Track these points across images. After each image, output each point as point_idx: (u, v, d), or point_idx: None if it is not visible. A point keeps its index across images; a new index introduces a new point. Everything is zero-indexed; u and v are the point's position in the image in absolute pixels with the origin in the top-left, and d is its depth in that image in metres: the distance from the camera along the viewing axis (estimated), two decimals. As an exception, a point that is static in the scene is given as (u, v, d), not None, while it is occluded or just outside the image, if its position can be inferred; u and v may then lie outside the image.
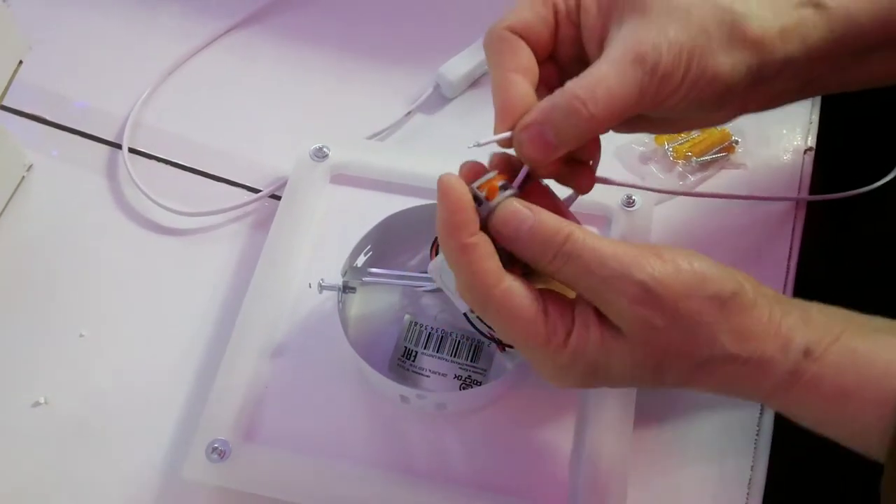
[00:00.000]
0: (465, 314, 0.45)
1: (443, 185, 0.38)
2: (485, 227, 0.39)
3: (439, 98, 0.63)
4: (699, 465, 0.49)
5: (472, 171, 0.40)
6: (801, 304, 0.40)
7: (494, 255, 0.38)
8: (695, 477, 0.49)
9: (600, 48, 0.40)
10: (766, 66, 0.40)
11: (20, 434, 0.51)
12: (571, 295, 0.40)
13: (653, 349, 0.38)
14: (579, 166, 0.42)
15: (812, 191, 0.58)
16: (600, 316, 0.38)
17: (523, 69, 0.40)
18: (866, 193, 0.56)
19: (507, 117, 0.39)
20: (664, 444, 0.49)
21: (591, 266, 0.37)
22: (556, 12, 0.41)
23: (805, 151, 0.60)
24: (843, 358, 0.38)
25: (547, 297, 0.39)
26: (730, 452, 0.49)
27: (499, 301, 0.38)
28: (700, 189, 0.58)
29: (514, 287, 0.38)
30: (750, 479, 0.49)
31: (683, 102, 0.40)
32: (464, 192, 0.38)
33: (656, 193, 0.56)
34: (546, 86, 0.42)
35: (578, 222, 0.40)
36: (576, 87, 0.38)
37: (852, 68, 0.44)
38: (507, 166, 0.41)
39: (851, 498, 0.56)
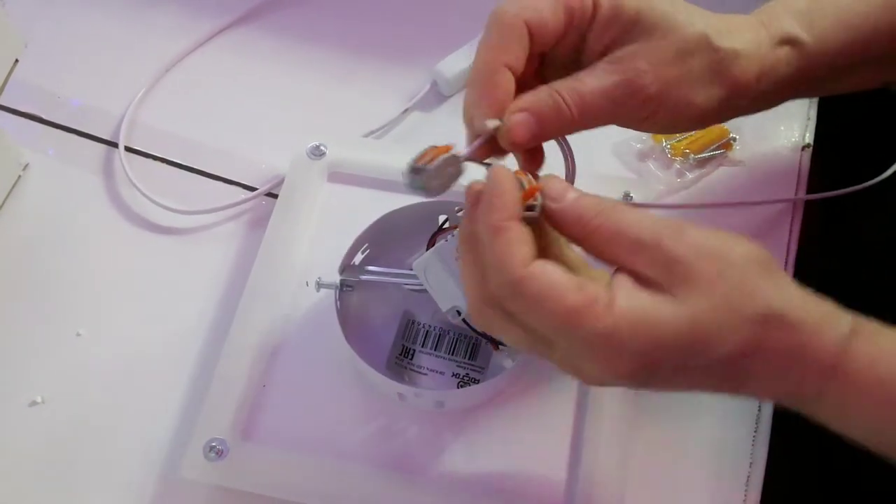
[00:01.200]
0: (446, 312, 0.45)
1: (492, 173, 0.38)
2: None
3: (436, 95, 0.63)
4: (697, 463, 0.49)
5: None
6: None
7: (529, 242, 0.37)
8: (692, 476, 0.49)
9: (596, 57, 0.42)
10: (740, 99, 0.44)
11: (17, 433, 0.51)
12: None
13: (709, 302, 0.35)
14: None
15: (810, 187, 0.58)
16: (641, 279, 0.36)
17: (516, 65, 0.41)
18: (865, 189, 0.56)
19: (493, 106, 0.40)
20: (662, 442, 0.49)
21: (638, 222, 0.37)
22: (570, 18, 0.41)
23: (803, 148, 0.60)
24: (894, 343, 0.37)
25: (580, 278, 0.37)
26: (727, 451, 0.49)
27: (527, 280, 0.36)
28: (699, 186, 0.58)
29: (546, 266, 0.36)
30: (748, 478, 0.49)
31: (658, 122, 0.43)
32: (509, 179, 0.38)
33: (655, 190, 0.56)
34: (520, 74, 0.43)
35: None
36: (565, 89, 0.40)
37: (826, 86, 0.48)
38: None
39: (849, 497, 0.56)
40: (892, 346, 0.37)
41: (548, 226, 0.39)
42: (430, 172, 0.40)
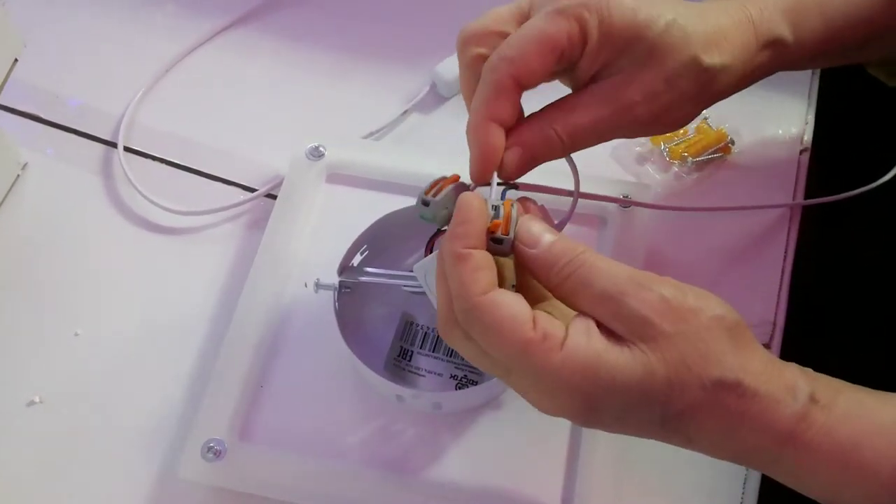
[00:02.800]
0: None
1: (460, 200, 0.38)
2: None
3: (435, 97, 0.63)
4: (694, 463, 0.49)
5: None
6: (793, 364, 0.39)
7: (490, 269, 0.38)
8: (690, 476, 0.49)
9: (588, 76, 0.43)
10: (717, 100, 0.45)
11: (14, 433, 0.51)
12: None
13: (663, 359, 0.36)
14: None
15: (808, 190, 0.58)
16: (602, 327, 0.37)
17: (508, 120, 0.41)
18: (863, 193, 0.56)
19: (487, 168, 0.41)
20: (659, 445, 0.49)
21: (607, 273, 0.37)
22: (559, 57, 0.41)
23: (801, 151, 0.60)
24: (852, 407, 0.37)
25: (538, 312, 0.38)
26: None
27: (483, 308, 0.36)
28: (698, 189, 0.58)
29: (504, 296, 0.37)
30: (745, 478, 0.49)
31: (637, 135, 0.45)
32: (476, 208, 0.38)
33: (653, 193, 0.56)
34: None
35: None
36: (559, 124, 0.42)
37: (798, 68, 0.50)
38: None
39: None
40: (850, 410, 0.37)
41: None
42: (438, 203, 0.41)
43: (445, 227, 0.52)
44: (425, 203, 0.42)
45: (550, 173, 0.44)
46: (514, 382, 0.39)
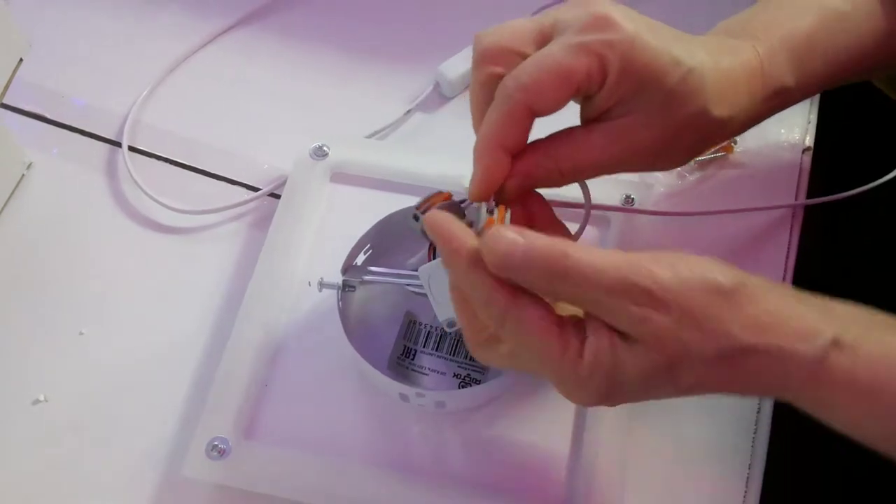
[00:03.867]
0: (442, 321, 0.45)
1: (429, 223, 0.39)
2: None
3: (439, 97, 0.63)
4: (696, 464, 0.49)
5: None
6: (821, 299, 0.39)
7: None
8: (692, 476, 0.49)
9: (598, 111, 0.42)
10: (715, 145, 0.48)
11: (20, 431, 0.51)
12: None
13: (665, 350, 0.37)
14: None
15: (810, 190, 0.58)
16: (610, 327, 0.38)
17: (515, 147, 0.42)
18: (866, 192, 0.56)
19: (488, 192, 0.42)
20: (662, 443, 0.50)
21: (591, 280, 0.37)
22: (576, 92, 0.41)
23: (803, 151, 0.60)
24: (878, 349, 0.37)
25: (559, 316, 0.39)
26: (727, 452, 0.49)
27: (517, 314, 0.37)
28: (700, 189, 0.58)
29: (528, 300, 0.38)
30: (747, 479, 0.49)
31: (644, 170, 0.46)
32: (450, 220, 0.39)
33: (656, 192, 0.56)
34: None
35: (569, 233, 0.44)
36: (564, 158, 0.42)
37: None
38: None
39: (847, 497, 0.57)
40: (878, 351, 0.37)
41: None
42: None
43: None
44: (416, 218, 0.44)
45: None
46: (549, 378, 0.40)
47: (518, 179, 0.42)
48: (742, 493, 0.48)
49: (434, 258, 0.45)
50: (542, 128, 0.43)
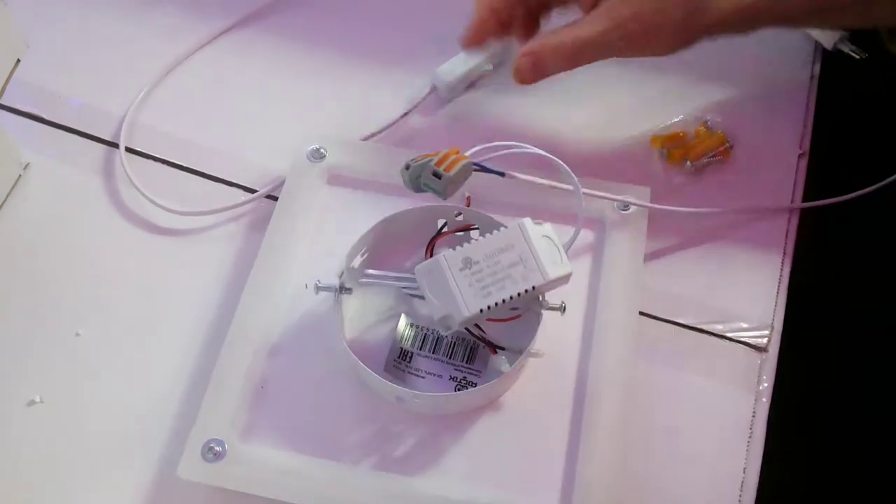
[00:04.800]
0: (438, 320, 0.45)
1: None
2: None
3: (436, 99, 0.63)
4: (692, 466, 0.49)
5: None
6: None
7: None
8: (687, 478, 0.49)
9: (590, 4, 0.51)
10: (714, 33, 0.50)
11: (15, 433, 0.51)
12: None
13: None
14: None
15: (806, 194, 0.58)
16: None
17: (505, 13, 0.52)
18: (862, 196, 0.56)
19: (477, 41, 0.55)
20: (657, 445, 0.50)
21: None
22: None
23: (799, 156, 0.60)
24: None
25: None
26: (722, 454, 0.50)
27: None
28: (696, 193, 0.58)
29: None
30: (742, 482, 0.49)
31: (639, 52, 0.51)
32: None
33: (653, 196, 0.56)
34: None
35: None
36: (568, 37, 0.50)
37: (804, 23, 0.55)
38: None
39: (844, 499, 0.57)
40: None
41: None
42: (453, 178, 0.45)
43: (445, 225, 0.53)
44: (437, 175, 0.45)
45: (553, 174, 0.44)
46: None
47: (530, 58, 0.50)
48: (737, 495, 0.48)
49: (431, 257, 0.45)
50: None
